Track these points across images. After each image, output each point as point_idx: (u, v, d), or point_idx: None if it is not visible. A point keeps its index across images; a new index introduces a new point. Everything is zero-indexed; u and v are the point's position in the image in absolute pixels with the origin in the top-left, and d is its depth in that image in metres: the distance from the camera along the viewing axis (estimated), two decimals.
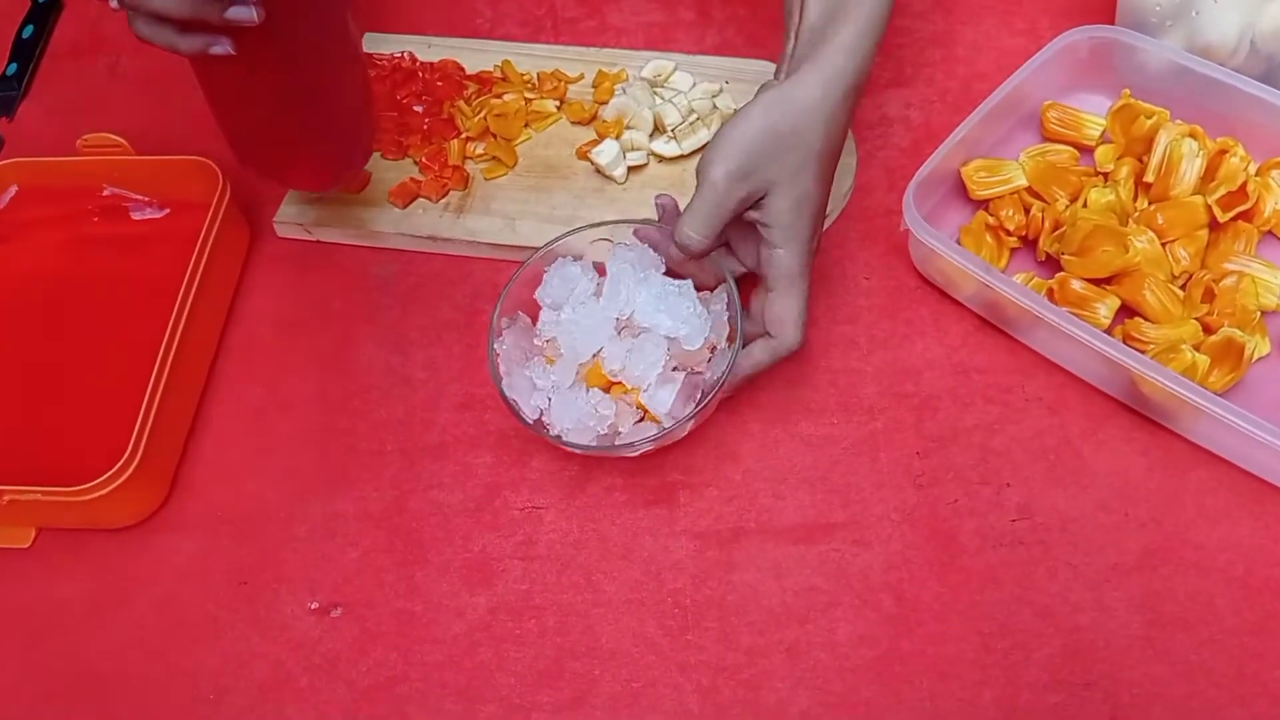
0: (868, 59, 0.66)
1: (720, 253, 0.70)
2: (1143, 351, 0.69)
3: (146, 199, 0.83)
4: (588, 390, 0.66)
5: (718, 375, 0.66)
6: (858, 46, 0.65)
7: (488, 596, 0.66)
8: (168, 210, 0.83)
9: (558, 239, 0.71)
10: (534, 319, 0.71)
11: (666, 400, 0.65)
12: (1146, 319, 0.71)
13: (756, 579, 0.66)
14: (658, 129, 0.83)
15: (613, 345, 0.67)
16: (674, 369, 0.67)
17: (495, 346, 0.68)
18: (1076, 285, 0.71)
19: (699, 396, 0.66)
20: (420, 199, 0.82)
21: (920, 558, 0.65)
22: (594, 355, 0.68)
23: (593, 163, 0.81)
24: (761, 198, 0.64)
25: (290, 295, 0.80)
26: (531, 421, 0.66)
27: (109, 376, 0.75)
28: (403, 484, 0.71)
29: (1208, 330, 0.70)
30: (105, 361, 0.76)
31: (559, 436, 0.65)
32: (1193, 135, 0.76)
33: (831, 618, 0.64)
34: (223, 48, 0.58)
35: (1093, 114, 0.80)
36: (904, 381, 0.72)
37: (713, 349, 0.68)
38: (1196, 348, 0.69)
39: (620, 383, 0.67)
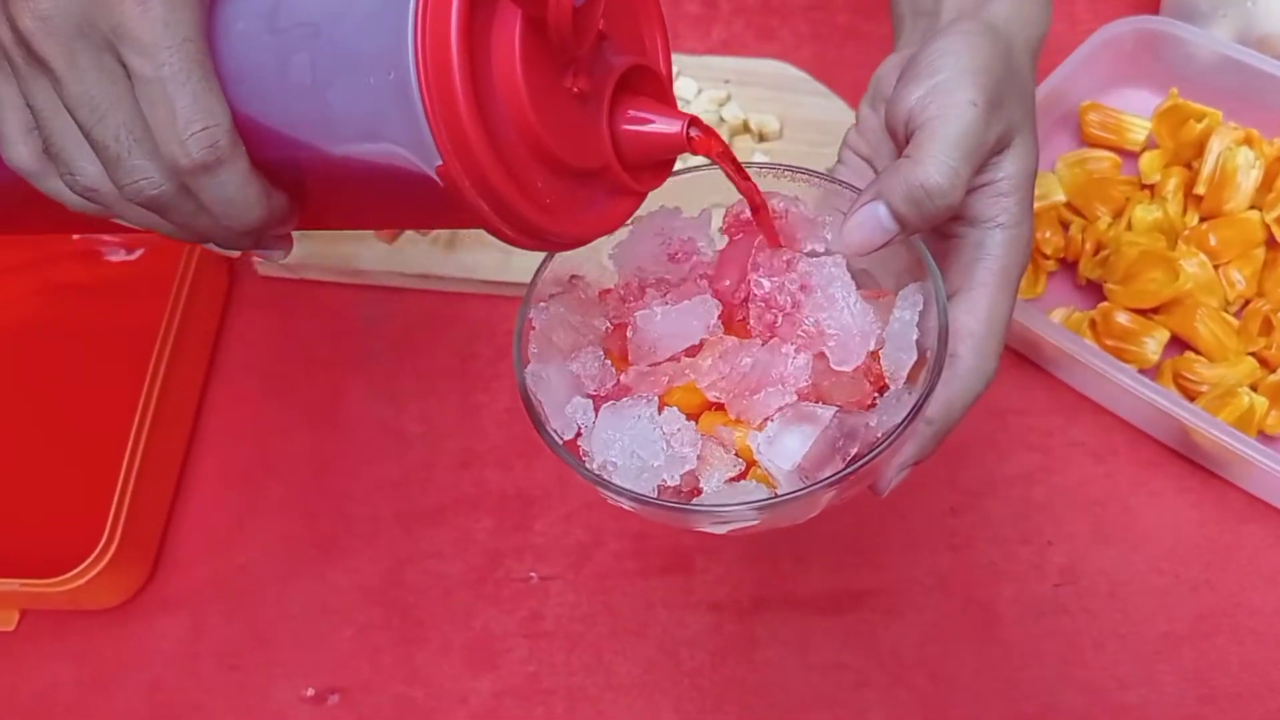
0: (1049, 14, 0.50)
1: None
2: (1195, 394, 0.63)
3: (120, 240, 0.78)
4: (661, 411, 0.42)
5: (893, 423, 0.41)
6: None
7: (492, 680, 0.62)
8: (142, 251, 0.78)
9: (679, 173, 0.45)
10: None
11: (794, 451, 0.40)
12: (1198, 353, 0.65)
13: (780, 655, 0.61)
14: None
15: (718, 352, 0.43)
16: (811, 403, 0.42)
17: (532, 315, 0.44)
18: (1122, 318, 0.65)
19: (852, 454, 0.40)
20: (408, 232, 0.76)
21: (956, 629, 0.61)
22: (677, 359, 0.44)
23: None
24: (999, 152, 0.45)
25: (274, 342, 0.75)
26: (561, 441, 0.42)
27: (85, 440, 0.71)
28: (399, 552, 0.67)
29: (1265, 365, 0.64)
30: (81, 424, 0.71)
31: (600, 473, 0.41)
32: (1248, 141, 0.69)
33: (862, 700, 0.59)
34: (283, 254, 0.46)
35: (1136, 115, 0.73)
36: None
37: (879, 386, 0.43)
38: (1254, 387, 0.63)
39: (720, 408, 0.43)
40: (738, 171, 0.43)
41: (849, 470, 0.39)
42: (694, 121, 0.40)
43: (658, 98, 0.40)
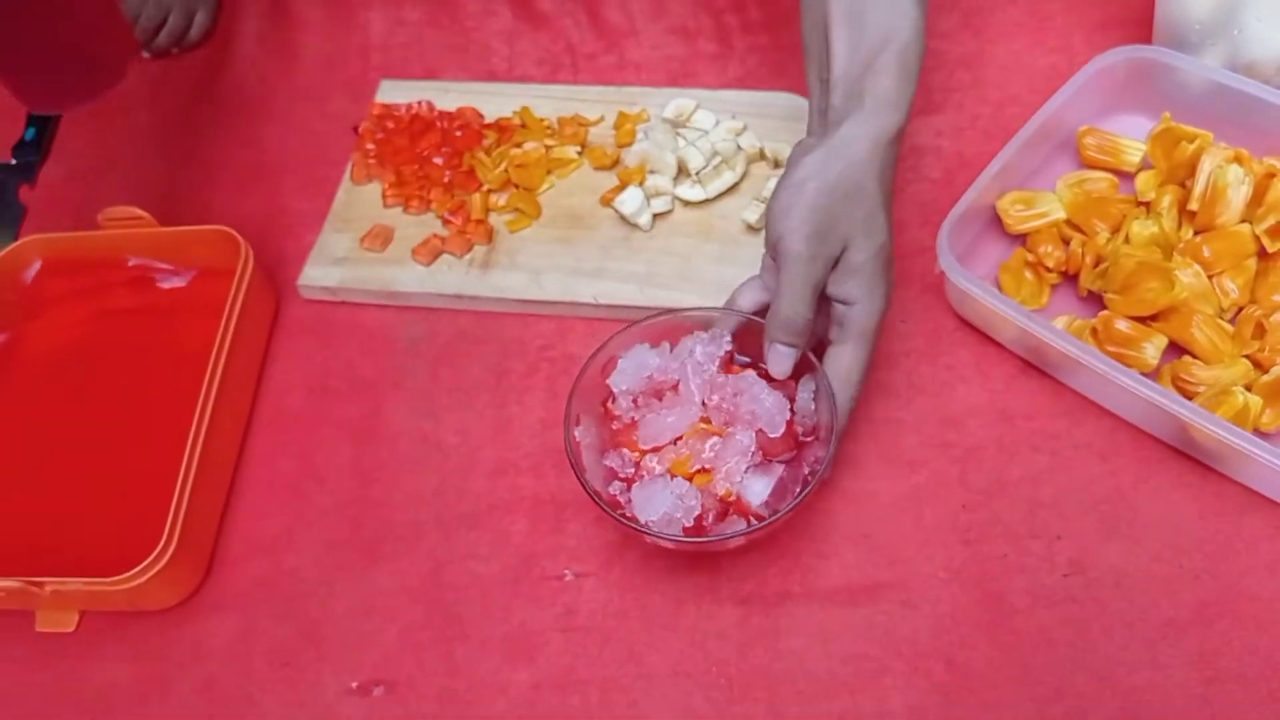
0: (909, 104, 0.63)
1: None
2: (1193, 395, 0.67)
3: (172, 267, 0.82)
4: (671, 479, 0.63)
5: (813, 466, 0.63)
6: (900, 97, 0.63)
7: (530, 671, 0.65)
8: (194, 274, 0.83)
9: (625, 330, 0.67)
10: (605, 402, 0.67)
11: (762, 492, 0.62)
12: (1195, 357, 0.69)
13: (804, 646, 0.64)
14: (682, 172, 0.81)
15: (696, 436, 0.65)
16: (768, 461, 0.64)
17: (577, 434, 0.64)
18: (1121, 325, 0.69)
19: (796, 490, 0.62)
20: (444, 255, 0.81)
21: (970, 619, 0.64)
22: (674, 442, 0.65)
23: (617, 211, 0.80)
24: (838, 258, 0.63)
25: (318, 361, 0.79)
26: (624, 518, 0.62)
27: (142, 452, 0.75)
28: (439, 555, 0.70)
29: (1259, 367, 0.68)
30: (138, 437, 0.76)
31: (645, 529, 0.61)
32: (1238, 160, 0.73)
33: (882, 686, 0.62)
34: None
35: (1132, 139, 0.78)
36: (946, 431, 0.70)
37: (797, 439, 0.64)
38: (1248, 388, 0.67)
39: (704, 470, 0.63)
40: None
41: (794, 502, 0.61)
42: None
43: None
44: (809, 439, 0.65)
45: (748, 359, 0.67)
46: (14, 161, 0.93)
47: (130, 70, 0.80)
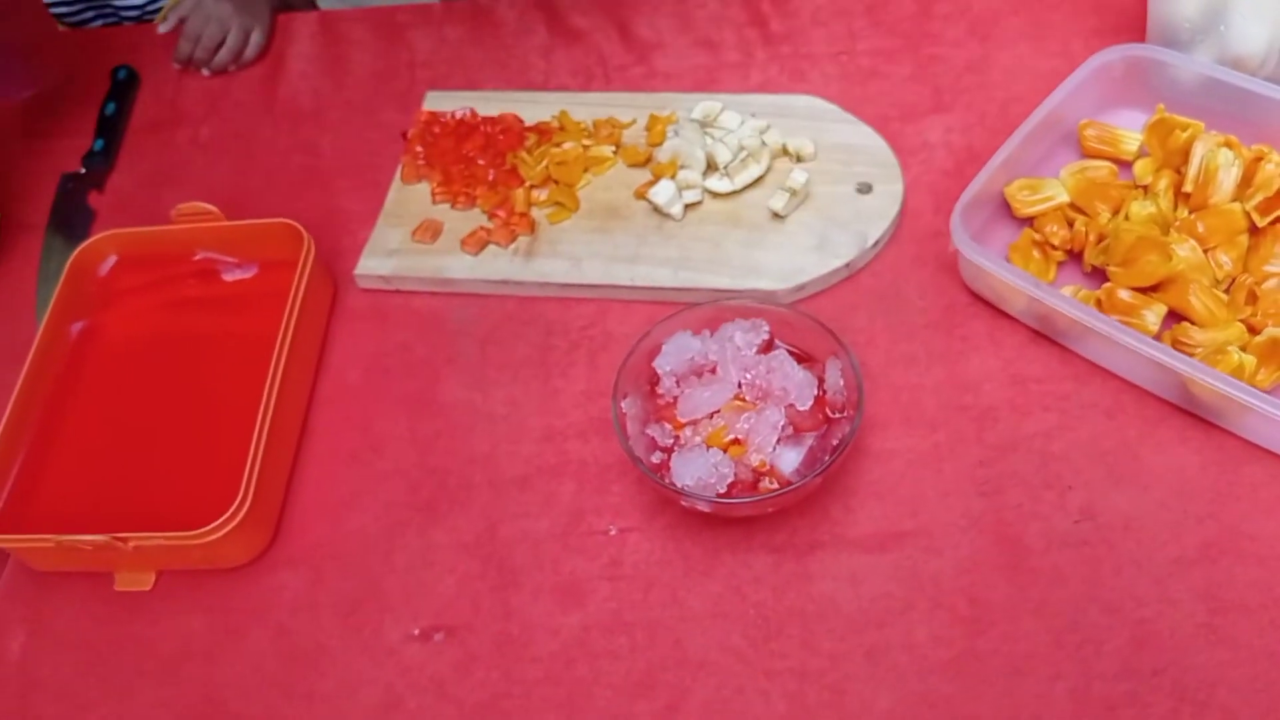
0: None
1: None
2: (1191, 355, 0.72)
3: (236, 260, 0.88)
4: (708, 450, 0.70)
5: (838, 441, 0.69)
6: None
7: (580, 616, 0.70)
8: (256, 269, 0.89)
9: (670, 317, 0.74)
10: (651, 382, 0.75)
11: (793, 461, 0.69)
12: (1193, 323, 0.74)
13: (834, 588, 0.69)
14: (711, 167, 0.87)
15: (731, 411, 0.72)
16: (791, 434, 0.71)
17: (623, 406, 0.71)
18: (1124, 294, 0.74)
19: (825, 460, 0.69)
20: (491, 245, 0.87)
21: (989, 561, 0.69)
22: (710, 416, 0.72)
23: (650, 202, 0.86)
24: None
25: (374, 343, 0.85)
26: (665, 482, 0.69)
27: (212, 428, 0.80)
28: (492, 514, 0.75)
29: (1252, 331, 0.73)
30: (208, 415, 0.81)
31: (682, 492, 0.68)
32: (1228, 145, 0.79)
33: (908, 621, 0.67)
34: None
35: (1129, 130, 0.84)
36: (963, 394, 0.75)
37: (827, 416, 0.71)
38: (1243, 348, 0.72)
39: (738, 441, 0.71)
40: None
41: (822, 469, 0.68)
42: None
43: None
44: (839, 415, 0.71)
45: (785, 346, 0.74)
46: (84, 170, 1.00)
47: (59, 71, 0.96)
